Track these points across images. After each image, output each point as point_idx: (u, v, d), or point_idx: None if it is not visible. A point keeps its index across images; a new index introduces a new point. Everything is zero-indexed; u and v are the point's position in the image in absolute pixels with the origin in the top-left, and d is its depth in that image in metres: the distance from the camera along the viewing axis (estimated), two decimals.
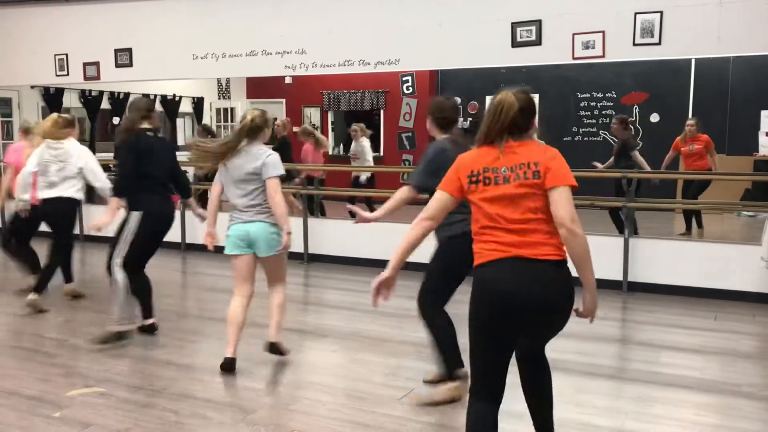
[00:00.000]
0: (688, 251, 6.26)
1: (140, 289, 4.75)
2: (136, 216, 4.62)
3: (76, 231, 6.43)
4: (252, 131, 4.07)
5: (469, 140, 3.48)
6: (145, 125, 4.75)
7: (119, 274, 4.60)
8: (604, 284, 6.32)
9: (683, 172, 8.89)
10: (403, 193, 3.72)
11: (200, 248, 8.35)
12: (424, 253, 3.42)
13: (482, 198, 2.52)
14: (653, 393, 3.83)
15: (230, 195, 4.11)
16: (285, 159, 9.16)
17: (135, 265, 4.69)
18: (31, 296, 5.40)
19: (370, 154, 9.84)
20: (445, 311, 3.75)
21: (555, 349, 4.58)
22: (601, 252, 6.34)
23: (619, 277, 6.21)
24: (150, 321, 4.84)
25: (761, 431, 3.37)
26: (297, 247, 7.66)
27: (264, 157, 4.03)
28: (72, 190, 5.47)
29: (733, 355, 4.57)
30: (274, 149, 4.28)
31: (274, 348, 4.28)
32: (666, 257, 6.22)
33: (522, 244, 2.45)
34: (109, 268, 4.82)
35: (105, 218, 4.78)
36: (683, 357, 4.51)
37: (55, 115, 5.81)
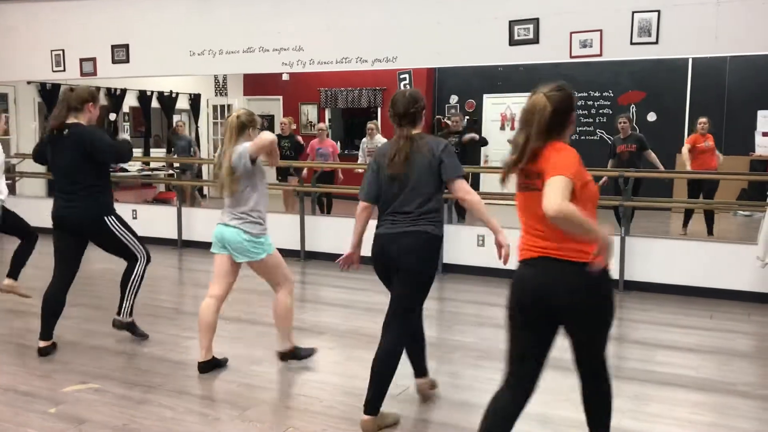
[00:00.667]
0: (685, 250, 6.27)
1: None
2: None
3: None
4: (240, 129, 3.98)
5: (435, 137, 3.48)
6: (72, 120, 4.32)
7: None
8: None
9: (680, 172, 8.91)
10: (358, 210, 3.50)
11: (196, 245, 8.36)
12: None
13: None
14: (649, 392, 3.84)
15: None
16: (292, 156, 9.29)
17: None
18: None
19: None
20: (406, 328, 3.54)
21: (553, 348, 4.60)
22: None
23: (615, 275, 6.21)
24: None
25: (757, 430, 3.38)
26: (294, 244, 7.66)
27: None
28: None
29: (729, 354, 4.58)
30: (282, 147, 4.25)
31: (282, 356, 4.17)
32: (662, 256, 6.24)
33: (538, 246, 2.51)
34: None
35: None
36: (679, 356, 4.52)
37: None
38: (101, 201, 4.41)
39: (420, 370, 3.68)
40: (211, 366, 4.05)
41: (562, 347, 4.64)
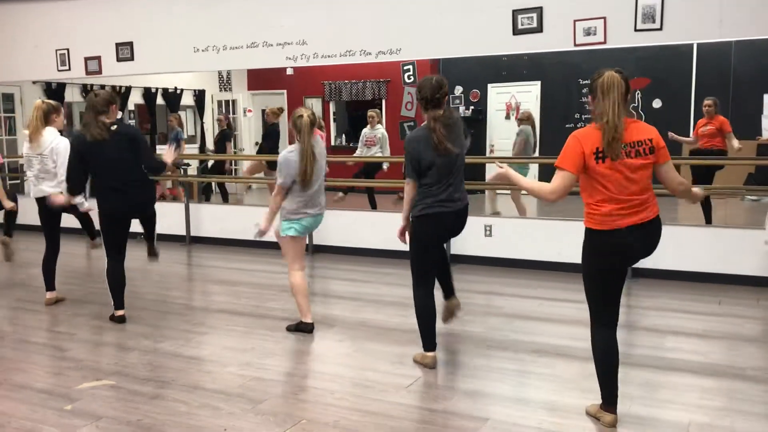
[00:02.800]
0: (692, 236, 6.27)
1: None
2: None
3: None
4: (311, 126, 4.48)
5: (457, 124, 3.98)
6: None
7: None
8: None
9: (684, 158, 8.85)
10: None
11: (205, 241, 8.41)
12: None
13: (606, 170, 3.02)
14: (658, 378, 3.86)
15: None
16: (273, 147, 9.40)
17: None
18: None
19: (387, 141, 9.79)
20: (425, 287, 4.07)
21: (561, 335, 4.64)
22: None
23: None
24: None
25: (766, 414, 3.40)
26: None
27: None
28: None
29: (738, 339, 4.59)
30: (263, 136, 4.65)
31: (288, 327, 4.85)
32: (670, 243, 6.20)
33: (643, 209, 3.08)
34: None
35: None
36: (688, 342, 4.53)
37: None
38: (152, 189, 5.22)
39: (449, 291, 4.49)
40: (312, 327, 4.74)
41: (568, 335, 4.68)
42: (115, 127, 4.85)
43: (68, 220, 5.82)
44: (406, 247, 6.41)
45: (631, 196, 3.04)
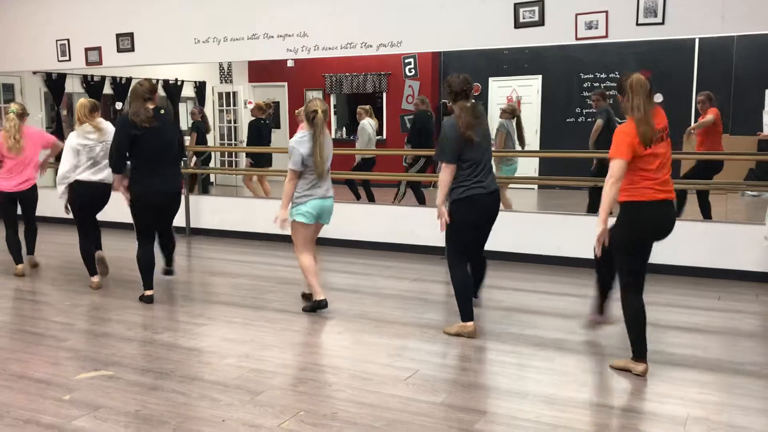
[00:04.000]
0: (692, 232, 6.26)
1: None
2: None
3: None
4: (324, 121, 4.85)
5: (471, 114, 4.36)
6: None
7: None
8: None
9: (687, 153, 8.81)
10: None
11: (205, 232, 8.40)
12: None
13: (648, 156, 3.63)
14: (657, 372, 3.86)
15: None
16: (264, 141, 9.48)
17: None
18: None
19: (366, 134, 9.62)
20: (464, 268, 4.47)
21: (560, 329, 4.64)
22: None
23: None
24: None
25: (764, 408, 3.40)
26: None
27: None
28: None
29: (737, 334, 4.60)
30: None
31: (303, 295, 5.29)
32: (670, 237, 6.20)
33: (668, 189, 3.74)
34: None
35: None
36: (687, 336, 4.53)
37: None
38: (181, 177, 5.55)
39: (476, 288, 4.91)
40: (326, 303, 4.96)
41: (567, 329, 4.68)
42: (163, 111, 5.16)
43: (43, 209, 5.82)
44: (404, 240, 6.38)
45: (659, 174, 3.68)
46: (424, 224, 7.03)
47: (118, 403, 3.46)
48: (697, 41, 11.08)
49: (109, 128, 5.60)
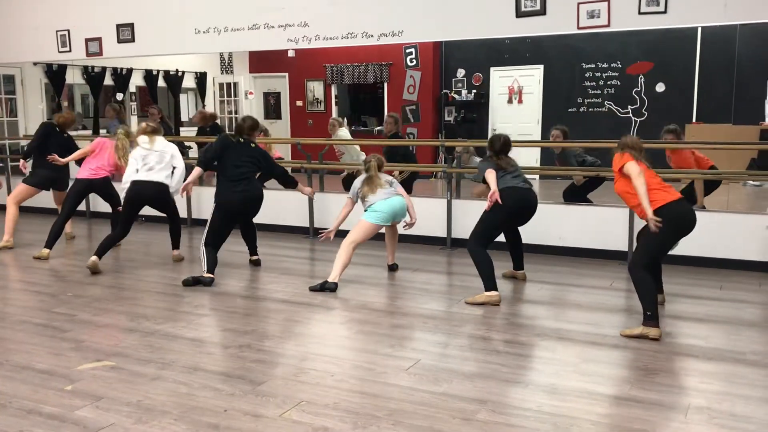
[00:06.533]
0: None
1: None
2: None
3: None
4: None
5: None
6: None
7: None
8: (609, 255, 6.34)
9: (690, 142, 8.72)
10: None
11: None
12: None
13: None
14: (658, 361, 3.86)
15: None
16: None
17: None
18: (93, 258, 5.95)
19: (355, 150, 9.16)
20: (484, 248, 5.04)
21: (561, 319, 4.65)
22: (606, 223, 6.38)
23: (625, 248, 6.21)
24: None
25: (765, 397, 3.40)
26: (302, 221, 7.70)
27: None
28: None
29: (739, 323, 4.59)
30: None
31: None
32: None
33: (670, 190, 4.42)
34: None
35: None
36: (688, 326, 4.54)
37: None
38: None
39: (518, 264, 5.72)
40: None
41: (568, 319, 4.68)
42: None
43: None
44: (407, 231, 6.37)
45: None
46: (428, 215, 7.03)
47: (120, 393, 3.46)
48: (699, 30, 11.05)
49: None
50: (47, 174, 7.04)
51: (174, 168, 6.17)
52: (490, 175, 5.11)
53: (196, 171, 5.72)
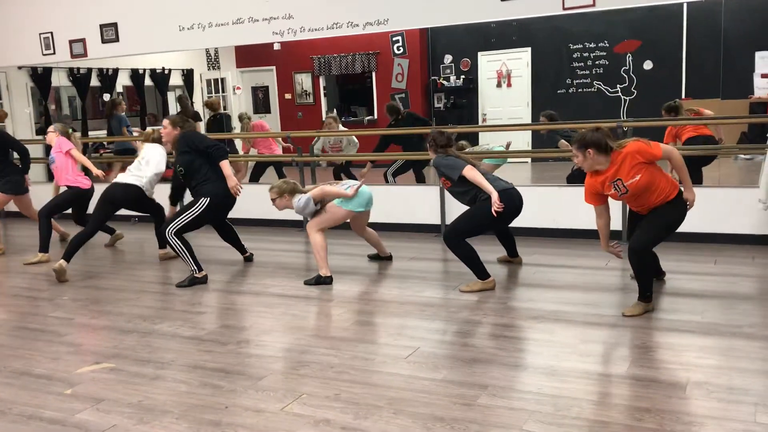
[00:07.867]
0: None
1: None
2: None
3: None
4: None
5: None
6: None
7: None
8: None
9: (684, 118, 8.76)
10: None
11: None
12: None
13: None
14: (655, 339, 3.88)
15: None
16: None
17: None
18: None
19: (353, 144, 9.23)
20: (466, 241, 5.01)
21: (558, 301, 4.66)
22: None
23: (619, 226, 6.22)
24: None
25: (762, 369, 3.42)
26: (294, 215, 7.67)
27: None
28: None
29: (734, 297, 4.62)
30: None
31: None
32: None
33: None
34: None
35: None
36: (684, 302, 4.55)
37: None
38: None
39: (512, 252, 5.70)
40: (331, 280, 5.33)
41: (565, 300, 4.69)
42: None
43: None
44: (401, 220, 6.36)
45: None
46: (422, 203, 7.03)
47: (120, 394, 3.46)
48: (685, 6, 11.02)
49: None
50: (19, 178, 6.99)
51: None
52: (478, 175, 4.96)
53: (228, 164, 5.62)
